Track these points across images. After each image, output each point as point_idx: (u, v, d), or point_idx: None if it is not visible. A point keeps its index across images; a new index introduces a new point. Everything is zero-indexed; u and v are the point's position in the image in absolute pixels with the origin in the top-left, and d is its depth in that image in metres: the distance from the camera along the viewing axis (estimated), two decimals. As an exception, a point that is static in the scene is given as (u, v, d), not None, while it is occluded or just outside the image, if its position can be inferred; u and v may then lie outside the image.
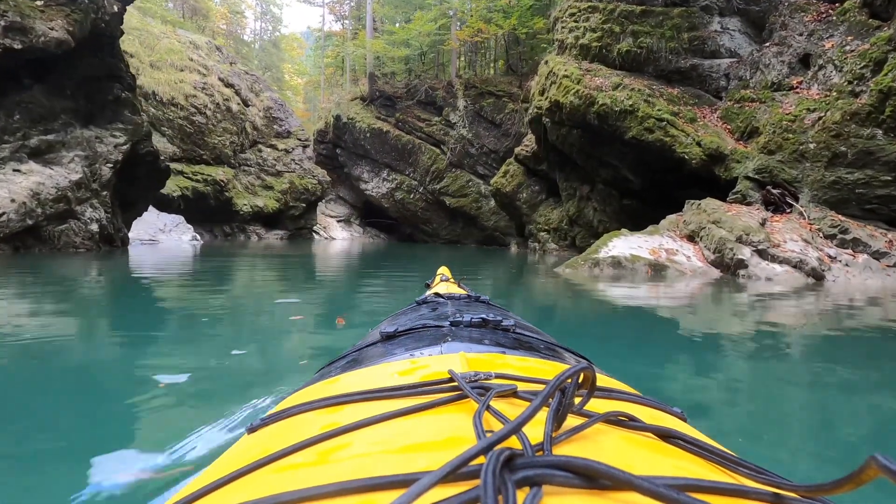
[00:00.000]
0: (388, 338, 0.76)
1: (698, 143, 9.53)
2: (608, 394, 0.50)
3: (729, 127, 9.79)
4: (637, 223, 12.10)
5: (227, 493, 0.36)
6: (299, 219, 23.02)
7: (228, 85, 19.44)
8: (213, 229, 19.55)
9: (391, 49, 27.25)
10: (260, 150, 21.88)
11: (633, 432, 0.39)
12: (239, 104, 19.46)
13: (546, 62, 12.83)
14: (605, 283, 6.45)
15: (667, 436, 0.39)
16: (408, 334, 0.77)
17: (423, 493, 0.23)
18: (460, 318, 0.81)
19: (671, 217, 8.81)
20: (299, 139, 23.41)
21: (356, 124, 27.51)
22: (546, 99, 11.81)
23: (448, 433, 0.36)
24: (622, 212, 12.23)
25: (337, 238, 29.11)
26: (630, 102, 10.16)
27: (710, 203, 8.49)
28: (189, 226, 16.20)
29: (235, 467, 0.39)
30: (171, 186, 17.31)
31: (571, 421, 0.36)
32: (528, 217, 16.09)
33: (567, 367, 0.38)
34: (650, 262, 7.33)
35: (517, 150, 16.15)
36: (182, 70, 18.06)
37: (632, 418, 0.40)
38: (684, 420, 0.52)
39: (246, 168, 21.14)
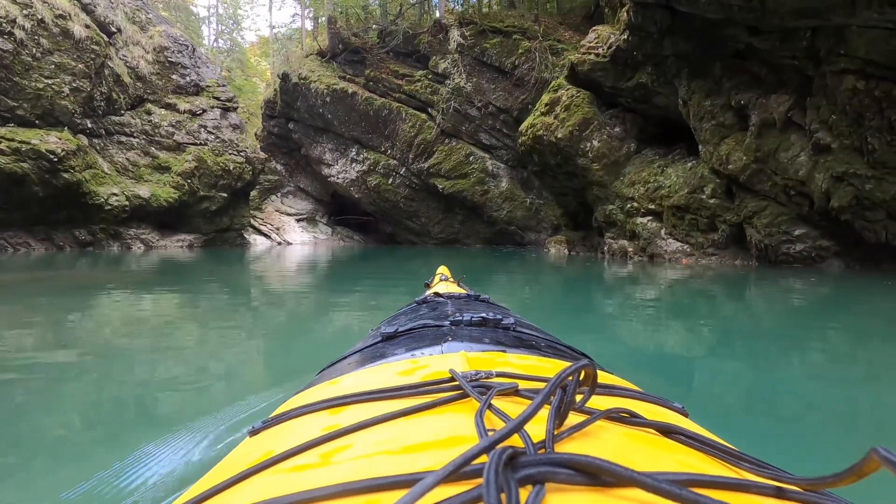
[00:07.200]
0: (388, 338, 0.76)
1: None
2: (609, 390, 0.50)
3: None
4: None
5: (230, 496, 0.36)
6: (220, 216, 15.28)
7: (68, -5, 11.67)
8: (54, 237, 11.75)
9: (354, -24, 19.66)
10: (148, 112, 14.13)
11: (634, 429, 0.39)
12: (90, 28, 11.68)
13: None
14: None
15: (668, 431, 0.39)
16: (408, 334, 0.77)
17: (425, 493, 0.23)
18: (460, 318, 0.81)
19: None
20: (217, 98, 15.67)
21: (311, 85, 19.85)
22: None
23: (450, 433, 0.36)
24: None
25: (294, 243, 21.53)
26: None
27: None
28: None
29: (238, 470, 0.39)
30: (-61, 161, 9.60)
31: (573, 418, 0.36)
32: (604, 189, 8.37)
33: (568, 364, 0.38)
34: None
35: (576, 58, 8.20)
36: (-35, -41, 10.30)
37: (633, 415, 0.40)
38: (686, 416, 0.52)
39: (122, 139, 13.37)
